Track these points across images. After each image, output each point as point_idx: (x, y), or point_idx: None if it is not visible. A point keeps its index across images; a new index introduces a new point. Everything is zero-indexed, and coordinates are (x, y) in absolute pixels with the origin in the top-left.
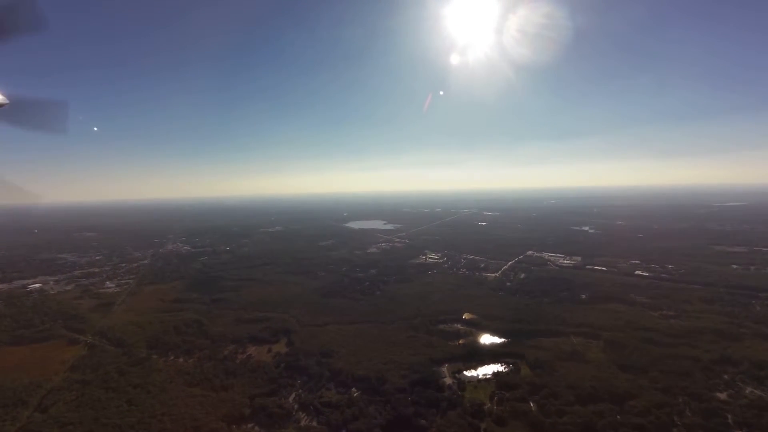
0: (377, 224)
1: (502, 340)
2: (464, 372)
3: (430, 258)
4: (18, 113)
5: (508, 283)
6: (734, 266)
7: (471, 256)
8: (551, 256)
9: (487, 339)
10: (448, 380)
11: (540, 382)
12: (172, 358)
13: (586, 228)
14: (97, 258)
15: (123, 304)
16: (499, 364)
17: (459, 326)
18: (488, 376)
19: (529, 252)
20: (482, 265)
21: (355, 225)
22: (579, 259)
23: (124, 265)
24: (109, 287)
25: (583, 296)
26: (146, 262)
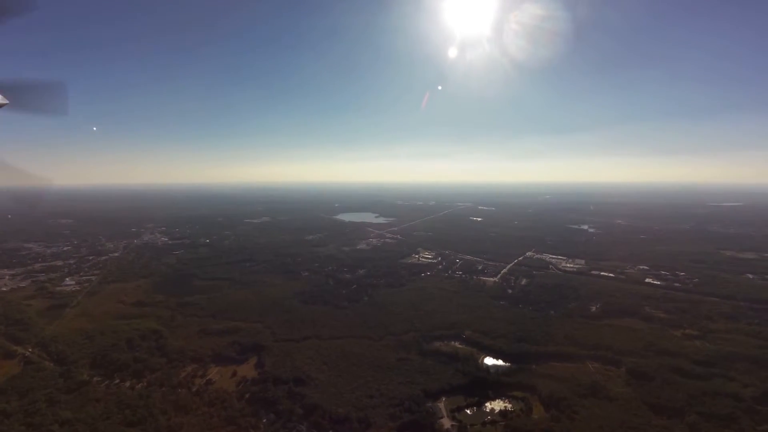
0: (369, 217)
1: (508, 365)
2: (465, 410)
3: (423, 257)
4: (16, 97)
5: (510, 290)
6: (750, 276)
7: (467, 256)
8: (553, 258)
9: (490, 362)
10: (446, 422)
11: (559, 429)
12: (117, 381)
13: (585, 227)
14: (65, 249)
15: (77, 307)
16: (507, 400)
17: (457, 345)
18: (495, 417)
19: (529, 253)
20: (480, 267)
21: (345, 217)
22: (583, 262)
23: (91, 257)
24: (68, 285)
25: (594, 309)
26: (117, 254)
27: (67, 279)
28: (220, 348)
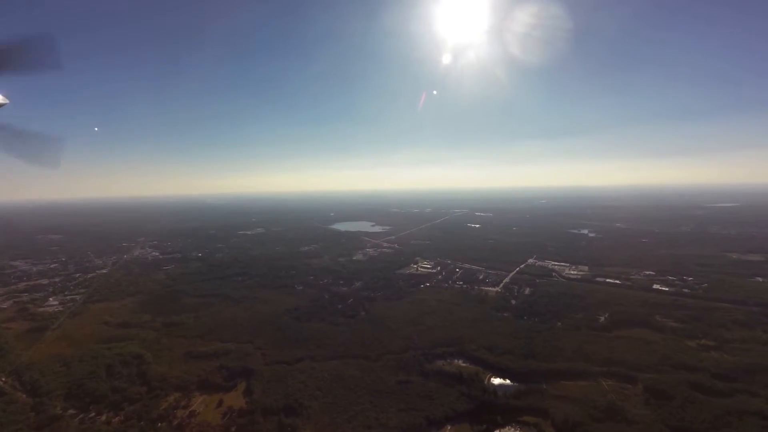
0: (365, 226)
1: (516, 385)
2: None
3: (422, 267)
4: (12, 143)
5: (513, 301)
6: (759, 279)
7: (467, 265)
8: (555, 265)
9: (497, 383)
10: None
11: None
12: (92, 414)
13: (585, 231)
14: (52, 266)
15: (58, 330)
16: (518, 427)
17: (461, 363)
18: None
19: (530, 260)
20: (481, 277)
21: (341, 227)
22: (586, 269)
23: (78, 275)
24: (51, 305)
25: (602, 319)
26: (105, 271)
27: (50, 299)
28: (207, 373)
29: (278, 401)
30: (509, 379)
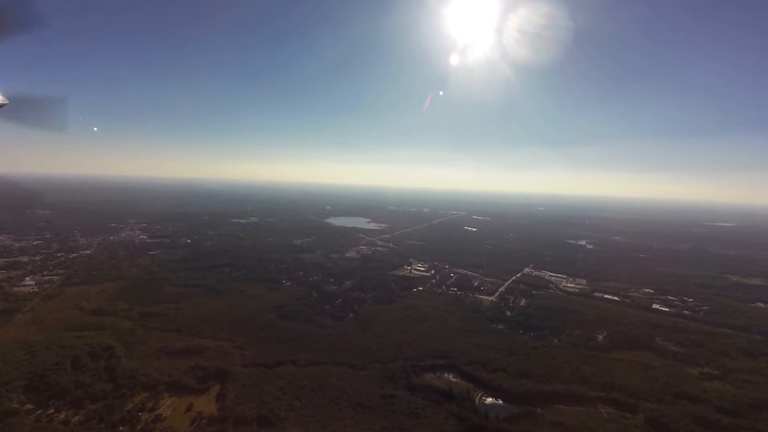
0: (360, 222)
1: (510, 406)
2: None
3: (415, 270)
4: (17, 111)
5: (508, 312)
6: (760, 305)
7: (462, 270)
8: (552, 276)
9: (488, 403)
10: None
11: None
12: (51, 411)
13: (584, 242)
14: (34, 243)
15: (29, 312)
16: None
17: (451, 378)
18: None
19: (527, 269)
20: (475, 284)
21: (336, 221)
22: (584, 282)
23: (60, 254)
24: (27, 285)
25: (600, 338)
26: (88, 252)
27: (27, 278)
28: (179, 373)
29: (252, 410)
30: (502, 400)
